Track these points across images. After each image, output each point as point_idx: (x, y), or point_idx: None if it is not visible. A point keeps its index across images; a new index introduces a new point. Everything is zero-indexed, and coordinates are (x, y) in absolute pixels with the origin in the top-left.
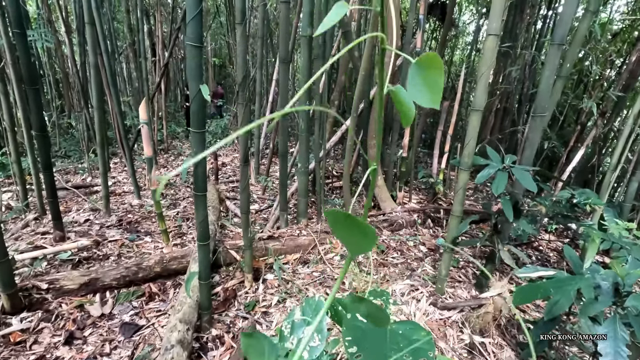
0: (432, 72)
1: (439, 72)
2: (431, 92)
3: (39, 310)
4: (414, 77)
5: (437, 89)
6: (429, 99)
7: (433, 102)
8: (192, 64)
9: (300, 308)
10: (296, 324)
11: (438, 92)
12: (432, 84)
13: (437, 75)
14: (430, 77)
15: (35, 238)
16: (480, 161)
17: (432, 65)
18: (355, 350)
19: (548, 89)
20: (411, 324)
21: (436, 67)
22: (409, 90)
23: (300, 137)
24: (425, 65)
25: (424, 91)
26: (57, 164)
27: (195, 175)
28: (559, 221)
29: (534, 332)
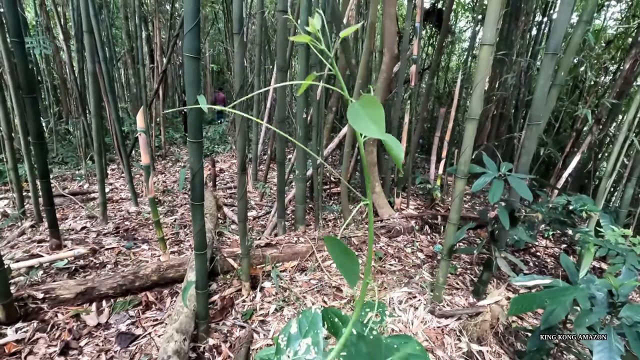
0: (373, 109)
1: (378, 109)
2: (376, 125)
3: (35, 320)
4: (358, 113)
5: (380, 122)
6: (375, 130)
7: (379, 133)
8: (189, 75)
9: (296, 320)
10: (292, 336)
11: (381, 124)
12: (375, 119)
13: (378, 111)
14: (373, 114)
15: (31, 246)
16: (477, 169)
17: (371, 105)
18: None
19: (543, 97)
20: (406, 338)
21: (375, 106)
22: (358, 125)
23: (298, 145)
24: (366, 105)
25: (370, 124)
26: (54, 170)
27: (193, 185)
28: (556, 227)
29: (531, 340)
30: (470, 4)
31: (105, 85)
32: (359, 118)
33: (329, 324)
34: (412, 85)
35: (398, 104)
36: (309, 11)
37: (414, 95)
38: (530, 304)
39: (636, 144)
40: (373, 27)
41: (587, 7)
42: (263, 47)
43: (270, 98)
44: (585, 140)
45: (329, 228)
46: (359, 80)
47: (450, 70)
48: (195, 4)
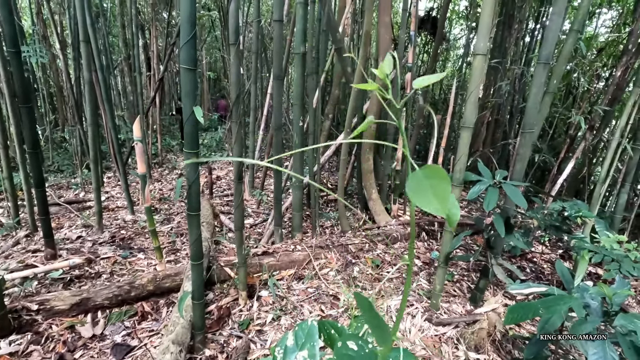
0: (438, 182)
1: (445, 183)
2: (439, 200)
3: (29, 332)
4: (421, 185)
5: (444, 198)
6: (438, 207)
7: (442, 211)
8: (186, 86)
9: (292, 333)
10: (289, 349)
11: (445, 201)
12: (440, 193)
13: (444, 185)
14: (437, 187)
15: (26, 256)
16: (472, 177)
17: (437, 176)
18: None
19: (536, 106)
20: (402, 352)
21: (442, 178)
22: (418, 198)
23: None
24: (431, 175)
25: (432, 199)
26: (50, 178)
27: (189, 195)
28: (552, 233)
29: (528, 348)
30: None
31: (102, 94)
32: (421, 190)
33: (325, 336)
34: (407, 92)
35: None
36: (304, 20)
37: (409, 102)
38: (525, 313)
39: (629, 150)
40: (368, 35)
41: (578, 16)
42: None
43: (267, 105)
44: (580, 146)
45: (326, 235)
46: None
47: (446, 77)
48: (192, 16)
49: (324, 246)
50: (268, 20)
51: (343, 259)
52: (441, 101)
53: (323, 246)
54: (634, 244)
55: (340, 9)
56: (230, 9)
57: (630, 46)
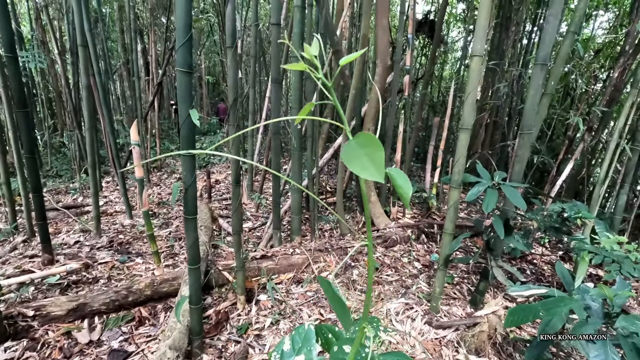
0: (372, 149)
1: (378, 149)
2: (375, 166)
3: (24, 339)
4: (355, 153)
5: (380, 163)
6: (375, 172)
7: (379, 176)
8: (182, 89)
9: (289, 337)
10: (285, 353)
11: (381, 165)
12: (375, 159)
13: (377, 151)
14: (372, 154)
15: (23, 262)
16: (471, 179)
17: (370, 144)
18: None
19: (533, 107)
20: (399, 355)
21: (375, 145)
22: (354, 165)
23: (293, 155)
24: (365, 144)
25: (369, 165)
26: (48, 183)
27: (185, 198)
28: (551, 235)
29: (529, 351)
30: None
31: (100, 98)
32: (355, 158)
33: (323, 340)
34: (405, 95)
35: (392, 113)
36: (302, 23)
37: (407, 105)
38: (526, 316)
39: (627, 151)
40: (366, 38)
41: (575, 18)
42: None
43: (265, 109)
44: (578, 148)
45: (325, 238)
46: (353, 90)
47: (444, 80)
48: (187, 20)
49: (323, 249)
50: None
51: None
52: (439, 103)
53: (322, 249)
54: (635, 245)
55: (338, 12)
56: (227, 12)
57: (627, 47)
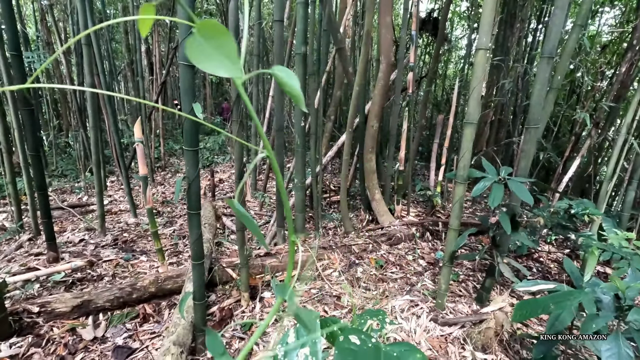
0: (221, 40)
1: (228, 39)
2: (229, 60)
3: (30, 335)
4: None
5: (233, 56)
6: (230, 66)
7: (235, 71)
8: (185, 83)
9: (294, 330)
10: (290, 346)
11: (235, 59)
12: (227, 52)
13: (227, 42)
14: (222, 46)
15: (28, 259)
16: (476, 174)
17: (218, 35)
18: None
19: (540, 101)
20: (406, 346)
21: (223, 35)
22: (205, 64)
23: (297, 152)
24: (211, 35)
25: (223, 60)
26: (53, 183)
27: (189, 193)
28: (558, 232)
29: (537, 348)
30: (465, 12)
31: (104, 98)
32: (205, 55)
33: (328, 334)
34: (409, 93)
35: (396, 112)
36: (305, 21)
37: (411, 103)
38: (534, 310)
39: (636, 147)
40: (369, 35)
41: (581, 11)
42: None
43: (269, 108)
44: (585, 144)
45: (329, 236)
46: (357, 87)
47: (448, 78)
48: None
49: (327, 247)
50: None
51: (346, 260)
52: (443, 102)
53: (326, 247)
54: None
55: (341, 10)
56: (229, 7)
57: (634, 42)
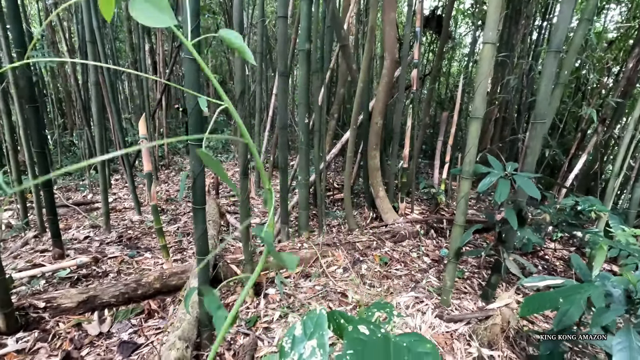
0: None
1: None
2: (163, 12)
3: (36, 330)
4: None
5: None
6: (166, 18)
7: (169, 21)
8: (189, 76)
9: (301, 322)
10: (297, 338)
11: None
12: (160, 5)
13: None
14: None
15: (34, 256)
16: (482, 169)
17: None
18: None
19: (547, 96)
20: (416, 336)
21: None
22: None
23: (300, 150)
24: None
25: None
26: (58, 181)
27: (194, 188)
28: (564, 229)
29: (544, 344)
30: (469, 9)
31: (109, 96)
32: (143, 10)
33: (335, 326)
34: (413, 90)
35: (400, 109)
36: (309, 17)
37: (415, 100)
38: (542, 304)
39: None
40: (373, 31)
41: (588, 6)
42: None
43: (272, 106)
44: (591, 141)
45: (333, 234)
46: (360, 84)
47: (452, 76)
48: (196, 6)
49: (331, 244)
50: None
51: (351, 257)
52: (447, 100)
53: (330, 244)
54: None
55: (345, 8)
56: (234, 2)
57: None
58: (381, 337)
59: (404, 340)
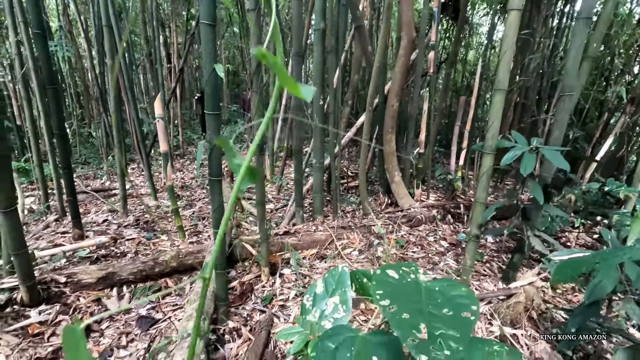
0: None
1: None
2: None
3: (57, 304)
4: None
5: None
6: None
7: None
8: (206, 43)
9: (322, 280)
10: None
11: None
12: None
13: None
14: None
15: (55, 237)
16: (505, 144)
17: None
18: (388, 303)
19: (576, 66)
20: (448, 281)
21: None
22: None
23: (315, 132)
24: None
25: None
26: (77, 170)
27: (210, 160)
28: (591, 211)
29: (572, 320)
30: None
31: (125, 83)
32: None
33: (357, 285)
34: (430, 72)
35: (416, 93)
36: None
37: (432, 84)
38: (577, 269)
39: None
40: (390, 9)
41: None
42: None
43: (285, 96)
44: (619, 122)
45: (348, 218)
46: (377, 64)
47: (468, 64)
48: None
49: (346, 227)
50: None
51: (366, 240)
52: (464, 88)
53: (345, 227)
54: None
55: None
56: None
57: None
58: (411, 281)
59: (435, 285)
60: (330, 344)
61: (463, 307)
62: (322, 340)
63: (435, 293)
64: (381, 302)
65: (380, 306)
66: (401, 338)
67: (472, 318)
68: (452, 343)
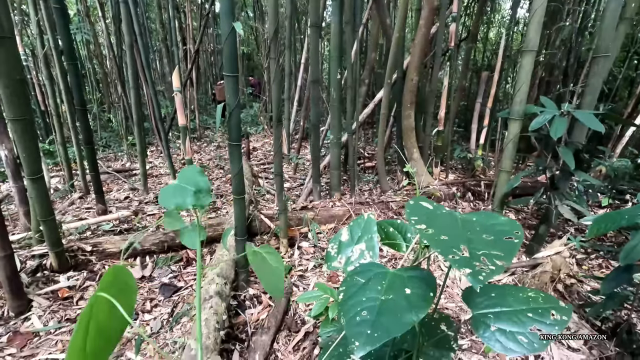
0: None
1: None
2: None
3: (84, 270)
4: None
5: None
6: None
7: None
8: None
9: (347, 228)
10: (343, 243)
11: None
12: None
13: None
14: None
15: (79, 212)
16: (534, 109)
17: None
18: (425, 227)
19: (613, 23)
20: (486, 214)
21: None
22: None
23: (332, 108)
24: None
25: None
26: (98, 153)
27: (229, 124)
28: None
29: (605, 283)
30: None
31: (142, 61)
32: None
33: (384, 235)
34: (451, 46)
35: (436, 70)
36: None
37: (453, 58)
38: (616, 221)
39: None
40: None
41: None
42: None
43: (300, 77)
44: None
45: (365, 196)
46: (396, 34)
47: (489, 42)
48: None
49: (364, 202)
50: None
51: (384, 215)
52: (484, 68)
53: (363, 202)
54: None
55: None
56: None
57: None
58: (446, 212)
59: (472, 217)
60: (359, 279)
61: (504, 233)
62: (351, 276)
63: (472, 223)
64: (417, 225)
65: (416, 230)
66: (442, 253)
67: (516, 241)
68: (496, 261)
